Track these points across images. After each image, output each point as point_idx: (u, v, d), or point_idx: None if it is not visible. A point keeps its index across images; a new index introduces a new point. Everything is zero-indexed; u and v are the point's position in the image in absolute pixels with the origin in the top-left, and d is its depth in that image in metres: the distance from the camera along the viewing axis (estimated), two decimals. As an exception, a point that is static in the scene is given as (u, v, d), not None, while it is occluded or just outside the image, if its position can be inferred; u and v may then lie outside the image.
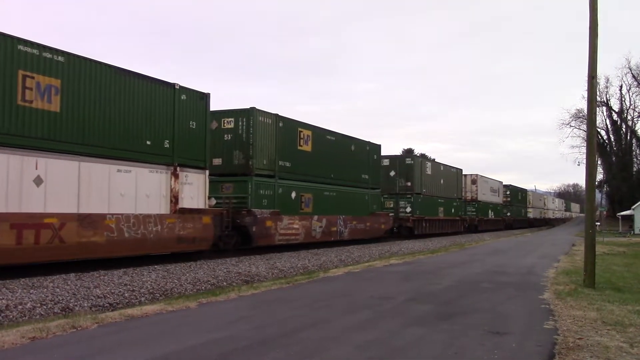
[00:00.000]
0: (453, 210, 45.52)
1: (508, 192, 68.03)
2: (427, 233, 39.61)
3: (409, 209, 36.75)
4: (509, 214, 66.76)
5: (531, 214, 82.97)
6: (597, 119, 13.90)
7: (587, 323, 8.13)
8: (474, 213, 52.01)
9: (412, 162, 38.06)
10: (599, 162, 75.77)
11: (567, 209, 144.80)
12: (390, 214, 34.65)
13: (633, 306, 9.77)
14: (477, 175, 54.56)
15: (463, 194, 49.80)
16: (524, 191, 78.92)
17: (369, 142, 30.89)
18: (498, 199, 62.35)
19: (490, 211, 57.68)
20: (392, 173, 37.07)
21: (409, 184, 36.92)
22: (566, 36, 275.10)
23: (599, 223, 49.55)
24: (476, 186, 52.96)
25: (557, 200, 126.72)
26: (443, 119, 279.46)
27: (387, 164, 36.41)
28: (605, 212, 75.93)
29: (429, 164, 41.14)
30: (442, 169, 43.52)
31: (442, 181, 42.63)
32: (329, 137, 26.62)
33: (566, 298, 10.54)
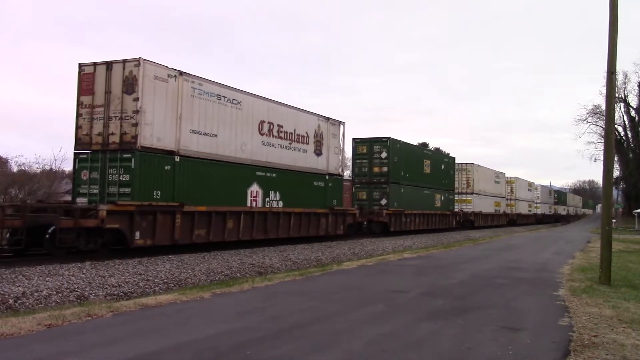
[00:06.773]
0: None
1: (384, 155, 30.92)
2: None
3: None
4: (383, 201, 30.53)
5: (471, 205, 45.67)
6: (615, 115, 13.70)
7: (603, 320, 8.05)
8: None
9: None
10: (616, 159, 74.71)
11: (560, 202, 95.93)
12: None
13: (650, 304, 9.66)
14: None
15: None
16: (448, 161, 41.64)
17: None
18: (312, 160, 23.29)
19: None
20: None
21: None
22: (579, 31, 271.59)
23: (614, 220, 47.53)
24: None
25: (540, 188, 78.06)
26: (451, 114, 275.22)
27: None
28: (621, 210, 74.92)
29: None
30: None
31: None
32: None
33: (581, 295, 10.45)
